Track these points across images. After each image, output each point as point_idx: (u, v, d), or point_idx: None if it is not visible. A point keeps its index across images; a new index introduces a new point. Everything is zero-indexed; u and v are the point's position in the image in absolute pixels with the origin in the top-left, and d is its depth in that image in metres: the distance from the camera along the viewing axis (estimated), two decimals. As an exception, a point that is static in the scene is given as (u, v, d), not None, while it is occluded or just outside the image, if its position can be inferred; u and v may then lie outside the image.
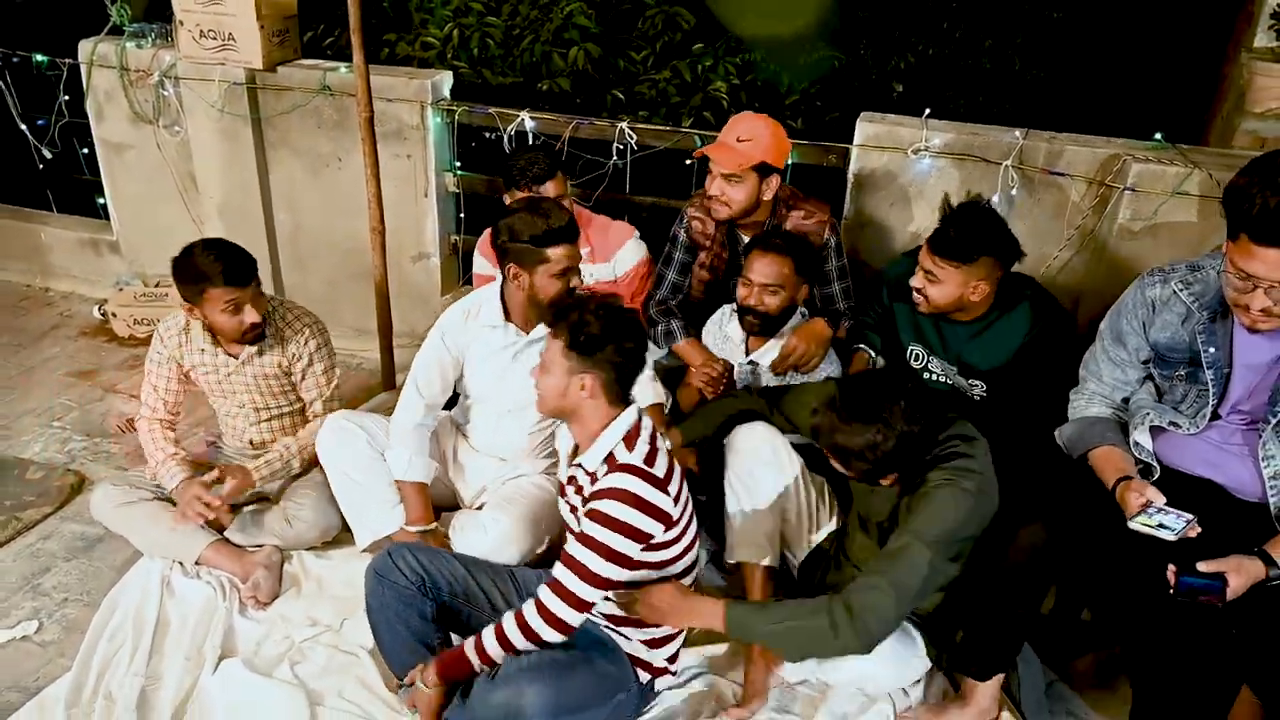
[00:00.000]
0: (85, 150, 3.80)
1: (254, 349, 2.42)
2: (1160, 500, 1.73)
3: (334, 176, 3.30)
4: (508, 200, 2.55)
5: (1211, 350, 1.79)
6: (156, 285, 3.67)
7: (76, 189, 4.00)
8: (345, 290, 3.47)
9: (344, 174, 3.26)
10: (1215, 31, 4.50)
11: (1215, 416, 1.81)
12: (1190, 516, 1.69)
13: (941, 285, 2.16)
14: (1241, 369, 1.78)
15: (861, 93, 3.59)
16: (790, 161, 2.76)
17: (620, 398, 1.78)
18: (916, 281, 2.21)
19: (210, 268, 2.25)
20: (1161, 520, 1.70)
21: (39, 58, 3.57)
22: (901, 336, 2.40)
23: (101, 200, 3.84)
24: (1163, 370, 1.89)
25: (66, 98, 3.62)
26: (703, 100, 3.43)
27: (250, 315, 2.33)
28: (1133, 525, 1.72)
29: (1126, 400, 1.98)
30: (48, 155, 3.75)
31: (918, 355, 2.38)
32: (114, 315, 3.54)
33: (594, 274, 2.70)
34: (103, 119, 3.58)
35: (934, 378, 2.36)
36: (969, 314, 2.25)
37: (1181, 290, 1.84)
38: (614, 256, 2.74)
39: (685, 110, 3.44)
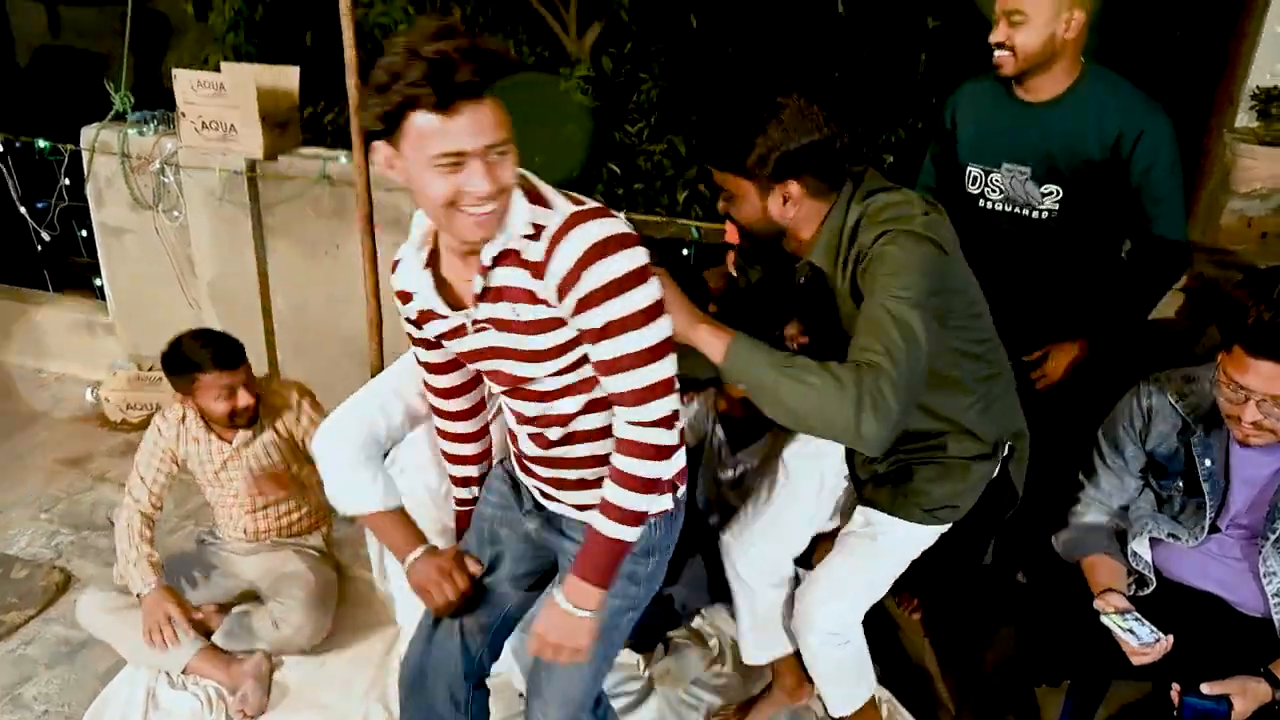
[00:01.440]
0: (84, 233, 3.82)
1: (249, 432, 2.42)
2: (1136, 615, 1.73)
3: (332, 262, 3.32)
4: None
5: (1208, 463, 1.79)
6: (150, 369, 3.66)
7: (74, 271, 4.02)
8: (342, 375, 3.45)
9: (342, 260, 3.28)
10: (1196, 109, 4.60)
11: (1214, 529, 1.81)
12: (1165, 636, 1.68)
13: (1029, 26, 1.95)
14: (1240, 482, 1.77)
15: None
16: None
17: None
18: (999, 34, 2.00)
19: (199, 355, 2.29)
20: (1133, 627, 1.70)
21: (41, 143, 3.61)
22: (961, 156, 2.19)
23: (98, 282, 3.86)
24: (1160, 480, 1.89)
25: (67, 182, 3.65)
26: (698, 173, 3.47)
27: (243, 398, 2.34)
28: (1103, 620, 1.72)
29: (1125, 508, 1.97)
30: (46, 238, 3.77)
31: (975, 177, 2.18)
32: (106, 400, 3.53)
33: None
34: (103, 204, 3.61)
35: (992, 204, 2.17)
36: (1057, 80, 2.03)
37: (1176, 401, 1.84)
38: None
39: (680, 183, 3.48)
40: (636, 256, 1.29)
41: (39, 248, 3.87)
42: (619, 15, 3.65)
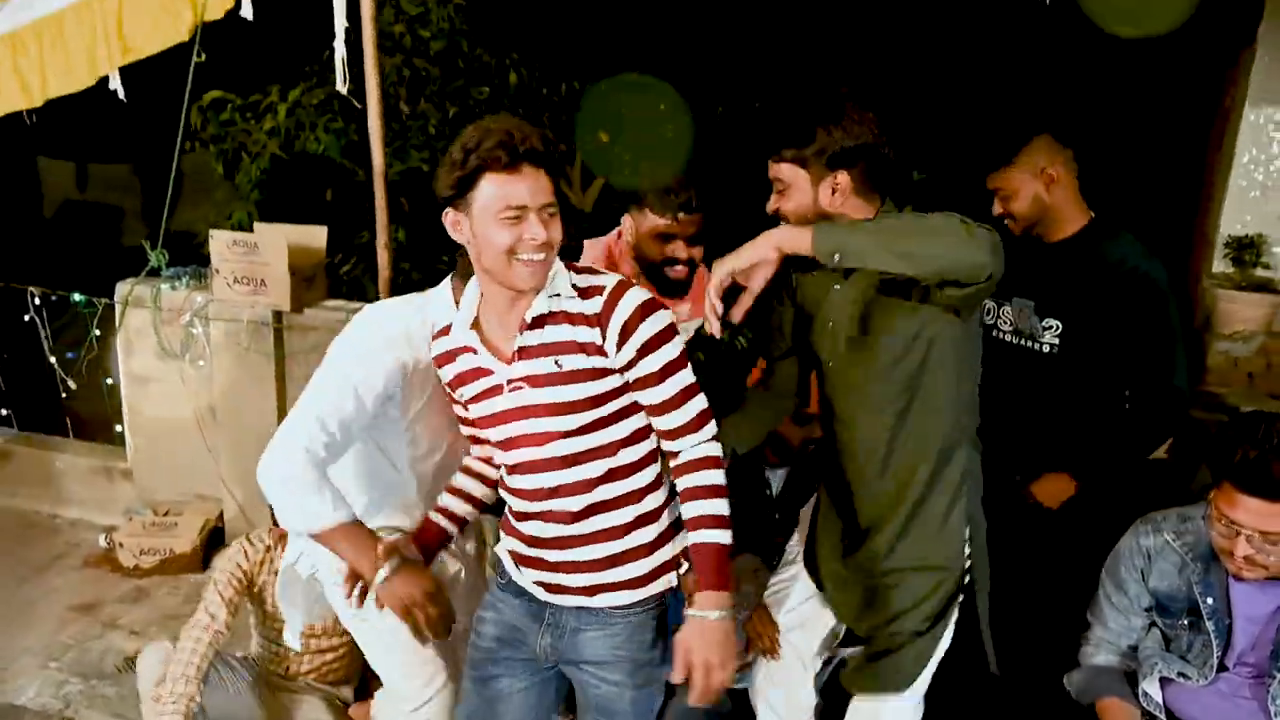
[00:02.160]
0: (109, 380, 3.95)
1: None
2: None
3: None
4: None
5: (1209, 600, 1.84)
6: (166, 514, 3.71)
7: (95, 417, 4.13)
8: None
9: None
10: (1177, 257, 4.83)
11: (1223, 668, 1.84)
12: None
13: (1016, 197, 2.20)
14: (1243, 619, 1.82)
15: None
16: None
17: None
18: (997, 209, 2.23)
19: None
20: None
21: (77, 297, 3.79)
22: None
23: (119, 428, 3.96)
24: (1166, 619, 1.93)
25: (98, 333, 3.81)
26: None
27: None
28: None
29: (1134, 648, 2.00)
30: (73, 386, 3.89)
31: (989, 309, 2.34)
32: (120, 545, 3.56)
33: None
34: (131, 353, 3.75)
35: (1003, 335, 2.33)
36: (1059, 227, 2.24)
37: (1174, 540, 1.91)
38: None
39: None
40: (668, 315, 1.62)
41: (63, 395, 3.99)
42: (619, 174, 3.91)
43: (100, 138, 3.23)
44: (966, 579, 1.86)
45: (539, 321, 1.59)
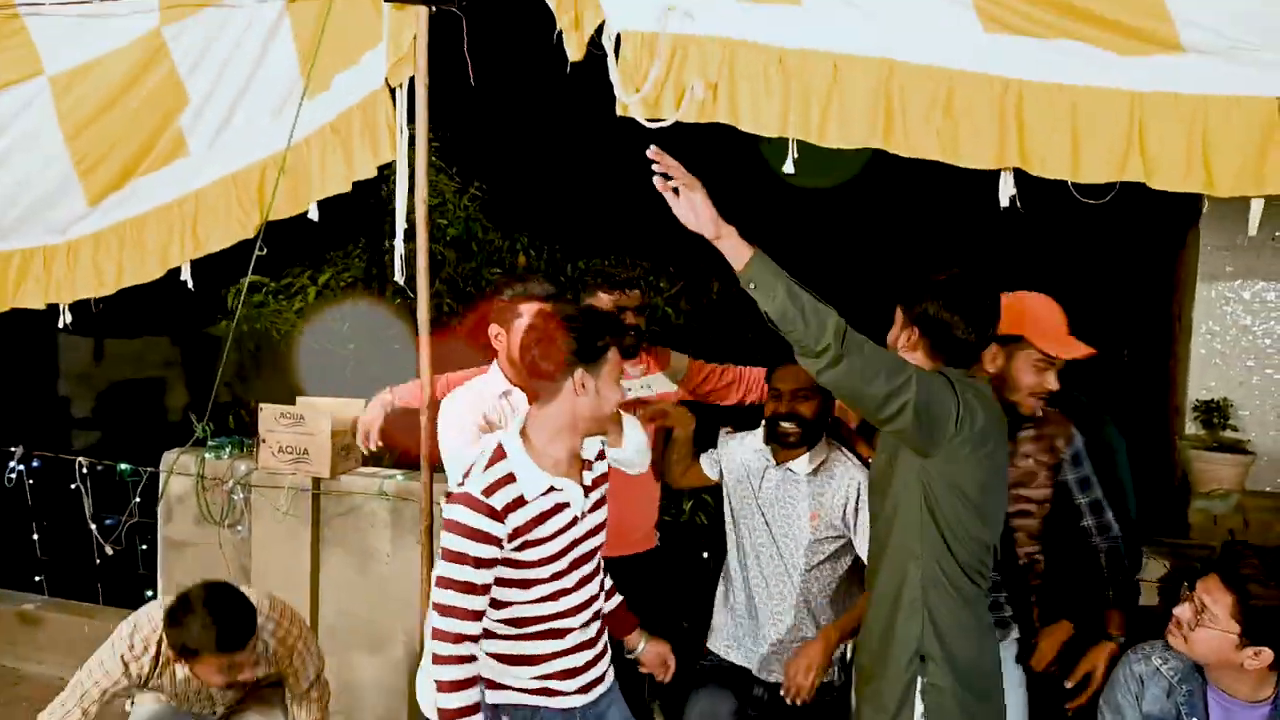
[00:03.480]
0: (144, 546, 4.13)
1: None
2: None
3: (381, 572, 3.62)
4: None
5: None
6: (194, 677, 3.80)
7: (130, 582, 4.28)
8: (379, 683, 3.64)
9: (391, 570, 3.59)
10: (1157, 420, 5.11)
11: (1210, 785, 2.00)
12: None
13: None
14: None
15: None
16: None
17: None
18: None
19: (203, 638, 2.32)
20: None
21: (122, 466, 4.03)
22: None
23: (150, 594, 4.10)
24: (1159, 741, 2.11)
25: (139, 500, 4.03)
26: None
27: (246, 674, 2.45)
28: None
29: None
30: (110, 552, 4.07)
31: None
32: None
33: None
34: (171, 519, 3.96)
35: None
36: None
37: (1162, 665, 2.12)
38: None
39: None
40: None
41: (98, 561, 4.16)
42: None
43: (118, 315, 3.61)
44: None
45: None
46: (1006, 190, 2.37)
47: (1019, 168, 2.34)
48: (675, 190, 1.93)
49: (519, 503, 1.96)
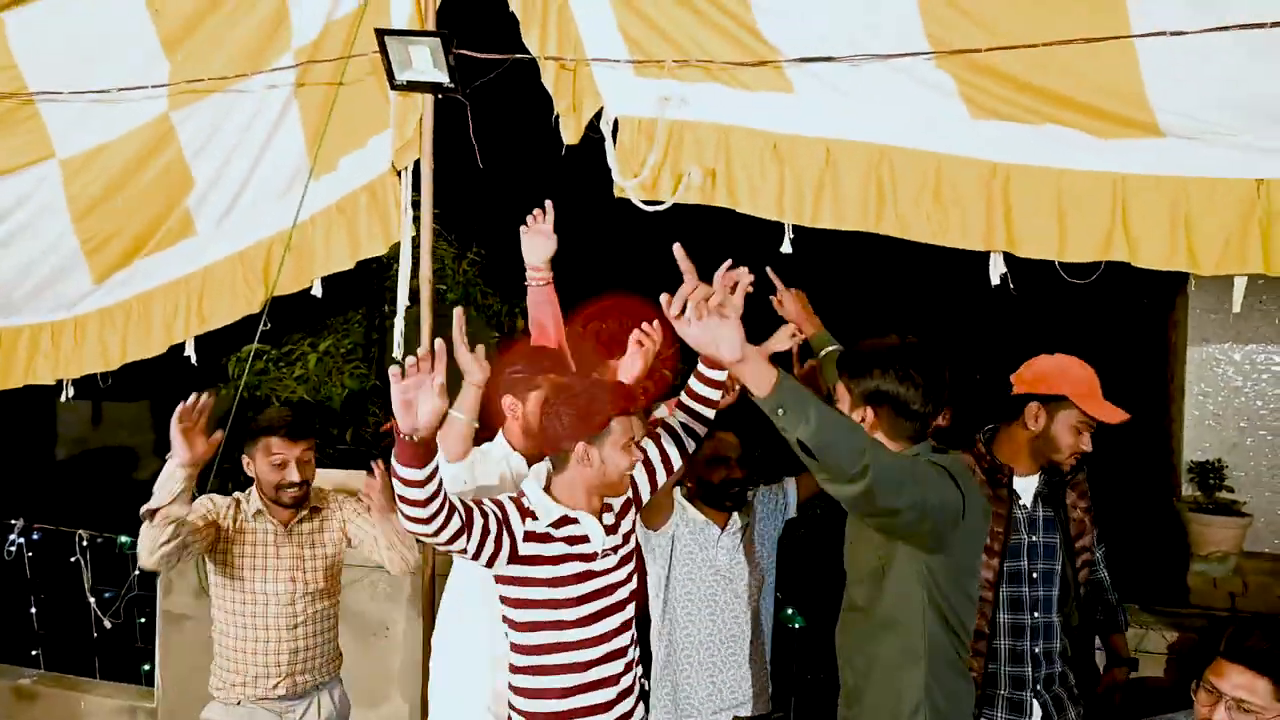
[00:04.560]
0: (142, 620, 4.11)
1: (297, 514, 2.69)
2: None
3: (381, 645, 3.60)
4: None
5: None
6: (192, 755, 3.75)
7: (128, 656, 4.24)
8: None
9: (391, 643, 3.57)
10: (1159, 482, 5.13)
11: None
12: None
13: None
14: None
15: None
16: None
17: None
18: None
19: (274, 418, 2.64)
20: None
21: (123, 539, 4.03)
22: None
23: (147, 667, 4.07)
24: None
25: (138, 573, 4.01)
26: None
27: (293, 473, 2.60)
28: None
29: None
30: (109, 625, 4.05)
31: None
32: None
33: None
34: (170, 592, 3.94)
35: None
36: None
37: None
38: None
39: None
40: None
41: (96, 634, 4.13)
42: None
43: (118, 380, 3.68)
44: None
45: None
46: (996, 269, 2.44)
47: (1006, 250, 2.41)
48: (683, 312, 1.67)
49: (536, 527, 2.08)
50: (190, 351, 3.49)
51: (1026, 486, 2.40)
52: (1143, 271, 2.38)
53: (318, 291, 3.36)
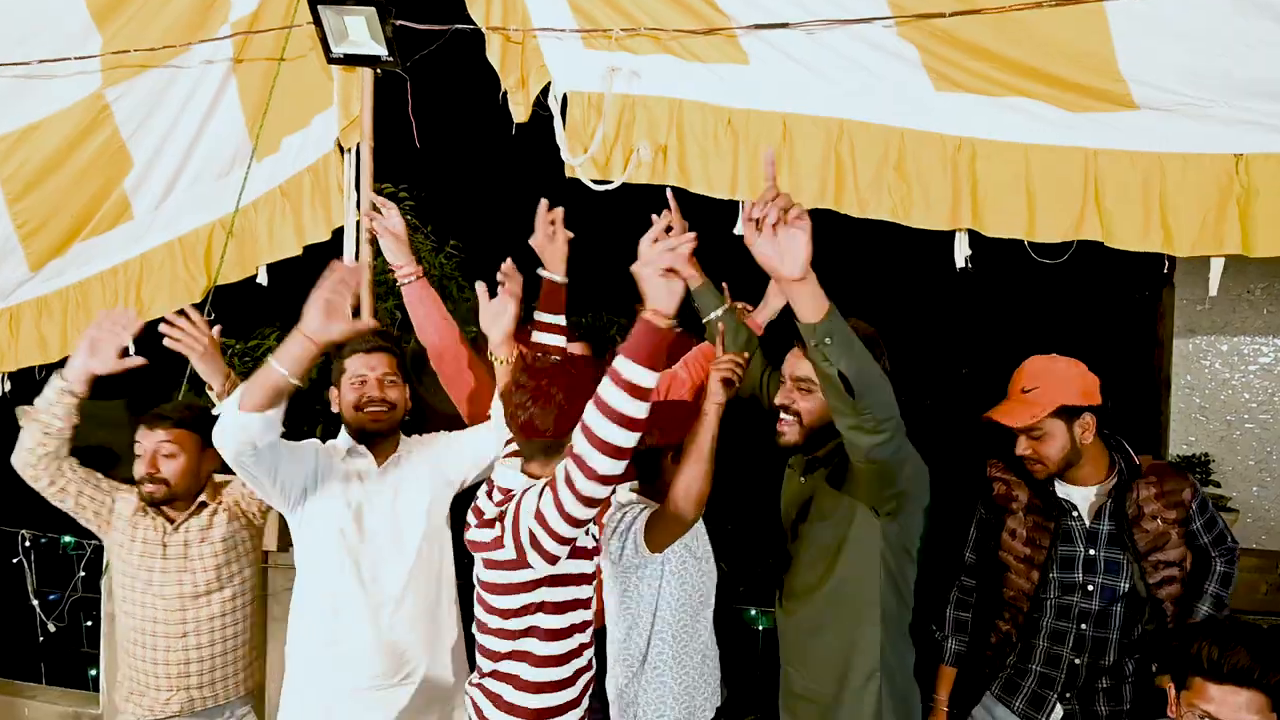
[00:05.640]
0: (89, 623, 3.96)
1: (190, 509, 2.50)
2: None
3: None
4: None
5: None
6: (134, 764, 3.61)
7: (73, 660, 4.09)
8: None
9: (340, 646, 3.42)
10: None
11: None
12: None
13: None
14: None
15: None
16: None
17: None
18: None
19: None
20: None
21: (66, 539, 3.88)
22: None
23: (94, 672, 3.92)
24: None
25: (84, 574, 3.87)
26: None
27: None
28: None
29: None
30: (53, 629, 3.90)
31: None
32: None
33: None
34: (114, 595, 3.78)
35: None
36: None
37: None
38: None
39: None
40: None
41: (41, 639, 3.98)
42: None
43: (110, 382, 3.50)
44: None
45: None
46: (961, 251, 2.31)
47: (973, 228, 2.27)
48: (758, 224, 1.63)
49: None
50: (129, 343, 3.33)
51: (1081, 496, 2.25)
52: (1130, 261, 2.24)
53: (263, 279, 3.22)
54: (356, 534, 2.25)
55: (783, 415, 2.08)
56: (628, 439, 1.61)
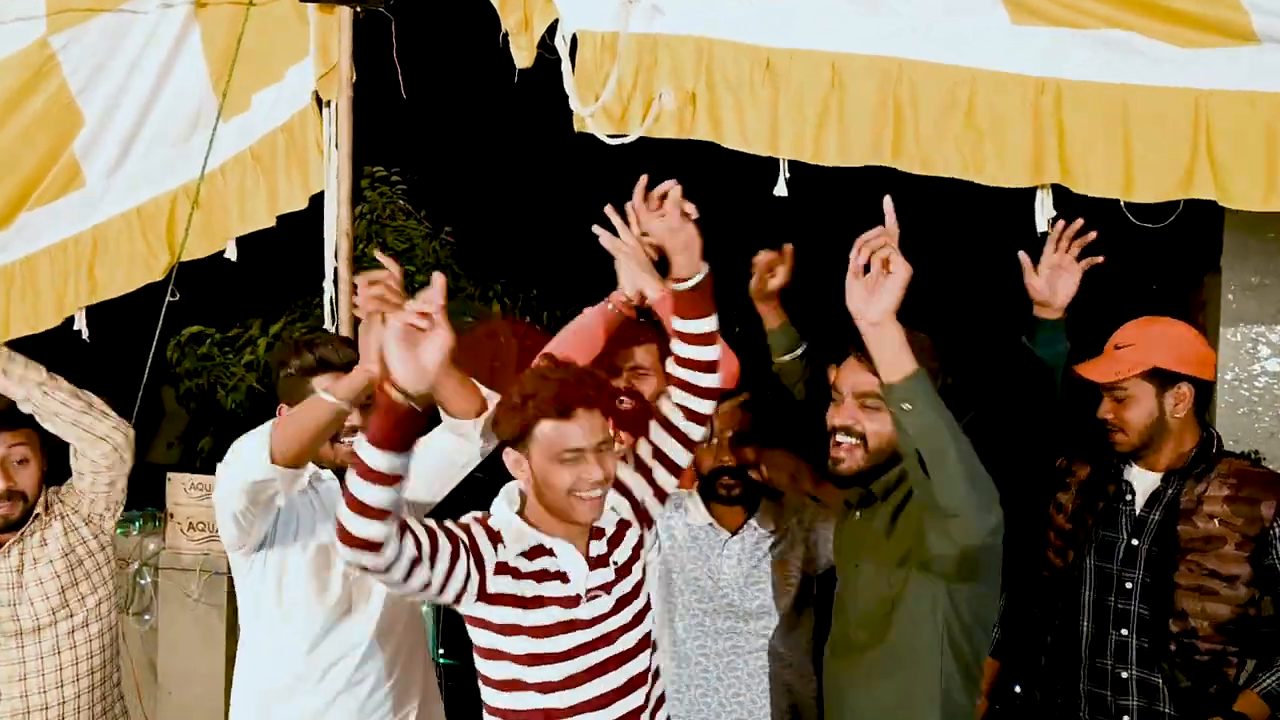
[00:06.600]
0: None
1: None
2: None
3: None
4: None
5: None
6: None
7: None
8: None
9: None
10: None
11: None
12: None
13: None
14: None
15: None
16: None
17: None
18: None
19: None
20: None
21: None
22: None
23: (49, 689, 3.58)
24: None
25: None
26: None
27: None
28: None
29: None
30: None
31: None
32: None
33: None
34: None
35: None
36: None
37: None
38: None
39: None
40: None
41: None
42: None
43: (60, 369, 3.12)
44: None
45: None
46: (1045, 212, 1.97)
47: (1059, 184, 1.94)
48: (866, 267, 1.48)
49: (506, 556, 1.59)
50: (81, 325, 2.98)
51: (1145, 482, 2.00)
52: (1166, 245, 1.94)
53: (231, 254, 2.87)
54: None
55: (839, 438, 1.73)
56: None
